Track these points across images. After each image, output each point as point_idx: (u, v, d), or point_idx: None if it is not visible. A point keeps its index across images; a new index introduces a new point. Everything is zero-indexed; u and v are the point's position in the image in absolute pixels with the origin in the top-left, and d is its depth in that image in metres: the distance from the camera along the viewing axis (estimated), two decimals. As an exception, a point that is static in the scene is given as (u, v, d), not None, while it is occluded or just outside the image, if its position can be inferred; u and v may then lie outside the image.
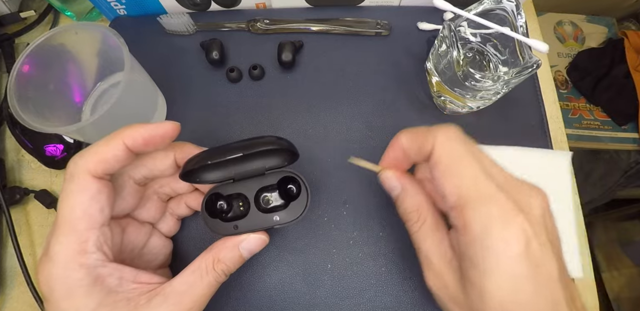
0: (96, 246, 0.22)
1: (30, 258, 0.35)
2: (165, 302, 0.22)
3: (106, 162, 0.22)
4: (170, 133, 0.24)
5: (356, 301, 0.31)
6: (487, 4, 0.30)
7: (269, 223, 0.25)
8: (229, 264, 0.24)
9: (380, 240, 0.32)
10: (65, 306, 0.21)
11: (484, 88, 0.29)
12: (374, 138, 0.35)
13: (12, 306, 0.34)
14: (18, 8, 0.43)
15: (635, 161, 0.77)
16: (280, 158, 0.25)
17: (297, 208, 0.25)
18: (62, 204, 0.22)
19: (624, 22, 0.88)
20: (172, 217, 0.30)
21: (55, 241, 0.21)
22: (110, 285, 0.22)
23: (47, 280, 0.21)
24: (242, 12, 0.40)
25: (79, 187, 0.22)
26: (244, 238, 0.25)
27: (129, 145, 0.23)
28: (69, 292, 0.21)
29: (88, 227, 0.22)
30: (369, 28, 0.38)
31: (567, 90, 0.80)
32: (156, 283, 0.23)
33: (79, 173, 0.22)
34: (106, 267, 0.22)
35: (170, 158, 0.26)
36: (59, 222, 0.22)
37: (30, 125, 0.26)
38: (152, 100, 0.34)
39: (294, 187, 0.26)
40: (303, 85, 0.37)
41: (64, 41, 0.31)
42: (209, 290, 0.24)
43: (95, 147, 0.23)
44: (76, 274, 0.21)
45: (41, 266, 0.22)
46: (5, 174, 0.37)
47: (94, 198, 0.22)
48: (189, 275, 0.24)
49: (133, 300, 0.22)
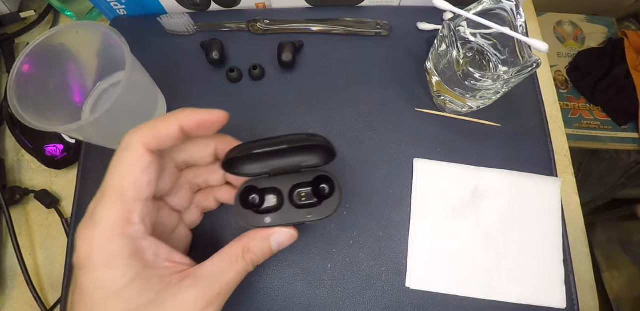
0: (140, 218, 0.22)
1: (30, 258, 0.35)
2: (195, 284, 0.22)
3: (161, 139, 0.23)
4: (220, 120, 0.25)
5: (356, 301, 0.31)
6: (486, 3, 0.30)
7: (301, 219, 0.25)
8: (258, 254, 0.25)
9: (380, 240, 0.32)
10: (101, 276, 0.21)
11: (483, 88, 0.29)
12: (374, 138, 0.35)
13: (12, 306, 0.34)
14: (18, 8, 0.43)
15: (635, 161, 0.77)
16: (318, 157, 0.26)
17: (330, 206, 0.25)
18: (114, 172, 0.22)
19: (624, 22, 0.88)
20: (197, 209, 0.30)
21: (102, 207, 0.22)
22: (147, 259, 0.22)
23: (89, 244, 0.21)
24: (242, 12, 0.40)
25: (132, 158, 0.22)
26: (276, 231, 0.25)
27: (183, 126, 0.24)
28: (108, 261, 0.21)
29: (135, 198, 0.22)
30: (369, 28, 0.38)
31: (567, 90, 0.80)
32: (186, 265, 0.24)
33: (135, 144, 0.23)
34: (146, 240, 0.22)
35: (211, 147, 0.27)
36: (107, 189, 0.22)
37: (31, 124, 0.26)
38: (152, 99, 0.34)
39: (327, 186, 0.27)
40: (303, 85, 0.37)
41: (64, 41, 0.30)
42: (237, 276, 0.24)
43: (152, 123, 0.24)
44: (118, 242, 0.21)
45: (84, 231, 0.21)
46: (5, 174, 0.37)
47: (144, 170, 0.23)
48: (219, 260, 0.24)
49: (166, 278, 0.22)
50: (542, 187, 0.34)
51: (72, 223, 0.33)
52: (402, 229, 0.32)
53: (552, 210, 0.33)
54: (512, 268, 0.32)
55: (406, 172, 0.34)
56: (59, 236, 0.36)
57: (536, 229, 0.33)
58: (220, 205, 0.31)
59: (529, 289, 0.31)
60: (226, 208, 0.31)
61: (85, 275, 0.21)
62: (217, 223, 0.32)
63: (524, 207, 0.33)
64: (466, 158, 0.34)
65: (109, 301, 0.21)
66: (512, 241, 0.32)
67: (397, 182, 0.34)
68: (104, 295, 0.21)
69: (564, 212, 0.33)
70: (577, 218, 0.36)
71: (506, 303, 0.31)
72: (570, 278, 0.31)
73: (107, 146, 0.34)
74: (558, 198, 0.33)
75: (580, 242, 0.35)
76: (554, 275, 0.31)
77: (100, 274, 0.21)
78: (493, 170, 0.34)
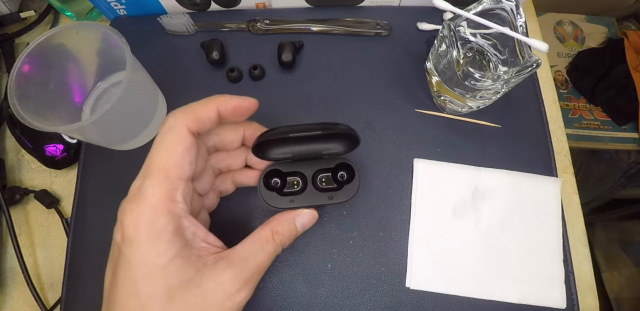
0: (182, 197, 0.23)
1: (30, 258, 0.35)
2: (230, 266, 0.23)
3: (201, 122, 0.24)
4: (252, 107, 0.26)
5: (356, 301, 0.31)
6: (486, 3, 0.30)
7: (323, 201, 0.27)
8: (286, 236, 0.26)
9: (380, 240, 0.32)
10: (149, 248, 0.21)
11: (483, 88, 0.29)
12: (374, 138, 0.35)
13: (12, 306, 0.34)
14: (18, 8, 0.43)
15: (635, 161, 0.77)
16: (343, 144, 0.27)
17: (350, 191, 0.27)
18: (158, 152, 0.23)
19: (624, 22, 0.88)
20: (215, 192, 0.30)
21: (149, 184, 0.22)
22: (187, 237, 0.23)
23: (137, 219, 0.22)
24: (242, 12, 0.40)
25: (176, 139, 0.23)
26: (299, 212, 0.27)
27: (221, 110, 0.25)
28: (155, 235, 0.22)
29: (179, 177, 0.23)
30: (369, 28, 0.38)
31: (567, 90, 0.80)
32: (219, 247, 0.25)
33: (178, 126, 0.23)
34: (187, 219, 0.23)
35: (240, 132, 0.28)
36: (152, 168, 0.23)
37: (32, 124, 0.26)
38: (152, 99, 0.34)
39: (345, 173, 0.28)
40: (303, 85, 0.37)
41: (64, 41, 0.30)
42: (268, 258, 0.25)
43: (193, 106, 0.24)
44: (164, 219, 0.22)
45: (131, 206, 0.22)
46: (5, 174, 0.37)
47: (186, 151, 0.23)
48: (251, 243, 0.25)
49: (202, 258, 0.23)
50: (542, 187, 0.34)
51: (72, 223, 0.33)
52: (402, 229, 0.32)
53: (552, 210, 0.33)
54: (512, 268, 0.32)
55: (406, 172, 0.34)
56: (59, 236, 0.36)
57: (536, 229, 0.33)
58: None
59: (529, 289, 0.31)
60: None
61: (132, 249, 0.22)
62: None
63: (524, 207, 0.33)
64: (466, 158, 0.34)
65: (154, 275, 0.21)
66: (512, 242, 0.32)
67: (397, 182, 0.34)
68: (149, 269, 0.21)
69: (564, 212, 0.33)
70: (577, 218, 0.36)
71: (506, 303, 0.31)
72: (570, 278, 0.31)
73: (107, 146, 0.34)
74: (558, 198, 0.33)
75: (580, 242, 0.35)
76: (554, 275, 0.31)
77: (147, 248, 0.22)
78: (493, 170, 0.34)
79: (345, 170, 0.28)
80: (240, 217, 0.33)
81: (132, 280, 0.22)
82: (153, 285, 0.21)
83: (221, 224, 0.31)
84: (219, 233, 0.26)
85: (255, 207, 0.33)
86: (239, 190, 0.31)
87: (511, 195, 0.33)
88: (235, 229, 0.32)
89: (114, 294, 0.22)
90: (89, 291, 0.31)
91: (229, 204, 0.32)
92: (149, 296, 0.21)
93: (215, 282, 0.23)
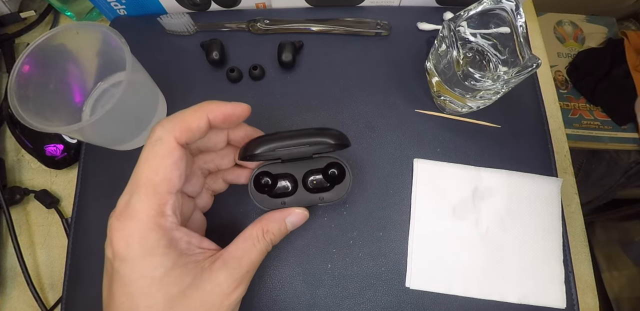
0: (172, 210, 0.23)
1: (30, 258, 0.35)
2: (225, 266, 0.24)
3: (191, 132, 0.24)
4: (244, 114, 0.26)
5: (356, 301, 0.31)
6: (486, 3, 0.30)
7: (315, 202, 0.28)
8: (276, 234, 0.27)
9: (380, 240, 0.32)
10: (143, 264, 0.22)
11: (483, 88, 0.29)
12: (374, 139, 0.35)
13: (12, 306, 0.34)
14: (18, 8, 0.43)
15: (635, 161, 0.77)
16: (331, 146, 0.27)
17: (341, 190, 0.28)
18: (146, 166, 0.23)
19: (624, 22, 0.88)
20: (207, 192, 0.30)
21: (137, 200, 0.22)
22: (181, 247, 0.23)
23: (128, 236, 0.22)
24: (242, 12, 0.40)
25: (164, 151, 0.23)
26: (290, 212, 0.27)
27: (211, 119, 0.24)
28: (148, 251, 0.22)
29: (168, 191, 0.23)
30: (369, 28, 0.38)
31: (567, 90, 0.80)
32: (214, 249, 0.25)
33: (166, 138, 0.23)
34: (179, 230, 0.23)
35: (224, 134, 0.28)
36: (140, 183, 0.22)
37: (32, 125, 0.26)
38: (152, 100, 0.34)
39: (336, 171, 0.28)
40: (303, 85, 0.37)
41: (64, 41, 0.30)
42: (260, 256, 0.26)
43: (182, 116, 0.24)
44: (155, 234, 0.22)
45: (120, 224, 0.22)
46: (5, 174, 0.37)
47: (175, 164, 0.23)
48: (242, 242, 0.25)
49: (200, 263, 0.24)
50: (542, 187, 0.34)
51: (72, 223, 0.33)
52: (402, 229, 0.32)
53: (552, 210, 0.33)
54: (512, 268, 0.32)
55: (406, 172, 0.34)
56: (59, 236, 0.36)
57: (536, 229, 0.33)
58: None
59: (529, 289, 0.31)
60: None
61: (125, 266, 0.22)
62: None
63: (524, 207, 0.33)
64: (466, 158, 0.34)
65: (151, 289, 0.22)
66: (512, 242, 0.32)
67: (397, 182, 0.34)
68: (146, 284, 0.22)
69: (564, 211, 0.33)
70: (577, 218, 0.36)
71: (506, 303, 0.31)
72: (570, 278, 0.31)
73: (108, 146, 0.34)
74: (558, 198, 0.33)
75: (580, 242, 0.35)
76: (554, 275, 0.31)
77: (142, 264, 0.22)
78: (493, 170, 0.34)
79: (337, 168, 0.28)
80: (234, 216, 0.33)
81: (129, 295, 0.22)
82: (151, 297, 0.22)
83: (216, 224, 0.31)
84: (213, 233, 0.26)
85: (249, 205, 0.33)
86: (233, 189, 0.31)
87: (511, 195, 0.33)
88: (230, 228, 0.32)
89: (113, 309, 0.22)
90: (89, 291, 0.31)
91: (223, 204, 0.32)
92: (148, 308, 0.21)
93: (213, 284, 0.23)
